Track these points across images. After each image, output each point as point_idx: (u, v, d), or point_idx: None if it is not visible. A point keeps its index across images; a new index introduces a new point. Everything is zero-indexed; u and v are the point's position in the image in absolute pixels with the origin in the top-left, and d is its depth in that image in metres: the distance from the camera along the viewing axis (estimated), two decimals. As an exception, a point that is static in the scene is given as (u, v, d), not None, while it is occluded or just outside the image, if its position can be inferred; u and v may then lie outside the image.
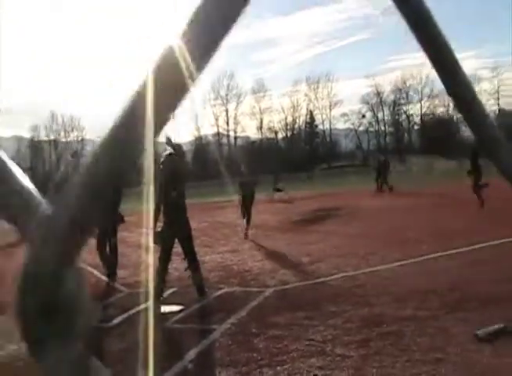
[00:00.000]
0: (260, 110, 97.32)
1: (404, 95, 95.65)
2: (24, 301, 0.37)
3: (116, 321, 7.80)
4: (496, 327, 5.64)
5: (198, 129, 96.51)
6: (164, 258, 8.58)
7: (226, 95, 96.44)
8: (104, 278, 10.79)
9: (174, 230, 8.56)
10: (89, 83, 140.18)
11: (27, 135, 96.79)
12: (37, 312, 0.36)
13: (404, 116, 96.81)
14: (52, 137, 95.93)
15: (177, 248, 9.11)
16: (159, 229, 8.55)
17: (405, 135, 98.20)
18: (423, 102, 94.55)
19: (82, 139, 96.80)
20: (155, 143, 0.37)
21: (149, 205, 8.64)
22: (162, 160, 8.61)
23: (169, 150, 8.72)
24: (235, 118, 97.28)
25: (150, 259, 9.05)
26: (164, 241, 8.52)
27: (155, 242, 8.53)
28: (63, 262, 0.36)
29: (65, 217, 0.36)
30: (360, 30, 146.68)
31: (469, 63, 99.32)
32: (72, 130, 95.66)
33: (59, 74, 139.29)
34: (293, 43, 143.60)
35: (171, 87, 0.38)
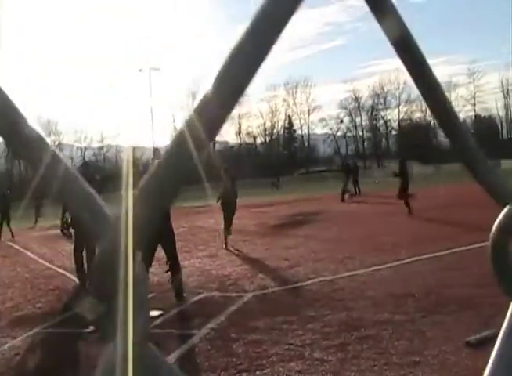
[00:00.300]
0: (238, 115, 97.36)
1: (382, 101, 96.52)
2: (97, 283, 0.41)
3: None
4: (487, 333, 5.65)
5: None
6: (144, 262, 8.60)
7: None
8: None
9: (158, 235, 8.60)
10: (65, 86, 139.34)
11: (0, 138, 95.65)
12: (110, 292, 0.41)
13: (382, 121, 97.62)
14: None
15: (156, 253, 9.11)
16: None
17: (383, 140, 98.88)
18: (400, 107, 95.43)
19: (59, 144, 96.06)
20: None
21: (128, 211, 8.60)
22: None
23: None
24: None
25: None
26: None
27: None
28: (128, 255, 0.40)
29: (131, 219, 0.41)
30: (338, 35, 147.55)
31: (443, 68, 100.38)
32: (49, 134, 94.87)
33: (35, 76, 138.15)
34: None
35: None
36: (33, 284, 11.62)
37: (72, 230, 10.77)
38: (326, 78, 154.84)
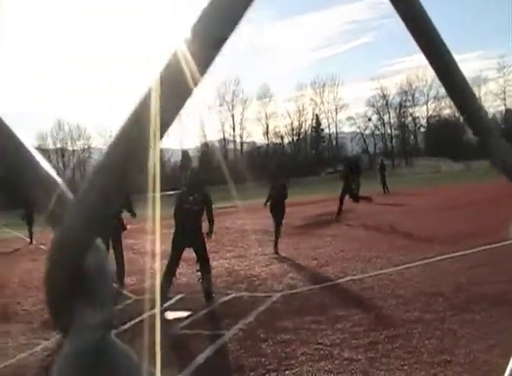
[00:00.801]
0: (266, 115, 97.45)
1: (410, 98, 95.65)
2: (53, 272, 0.40)
3: (124, 327, 7.82)
4: None
5: (204, 135, 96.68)
6: (172, 264, 8.70)
7: (232, 100, 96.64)
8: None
9: (187, 237, 8.71)
10: (95, 91, 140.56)
11: (33, 143, 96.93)
12: (65, 281, 0.39)
13: (410, 118, 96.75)
14: (58, 146, 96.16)
15: (186, 254, 9.15)
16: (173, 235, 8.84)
17: (411, 137, 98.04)
18: (429, 104, 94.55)
19: (89, 148, 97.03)
20: (158, 146, 0.40)
21: (155, 212, 8.69)
22: (189, 172, 9.39)
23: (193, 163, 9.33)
24: (241, 124, 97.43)
25: (157, 266, 9.08)
26: (174, 245, 8.68)
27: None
28: (87, 241, 0.39)
29: (88, 203, 0.39)
30: (364, 32, 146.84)
31: (473, 64, 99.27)
32: (79, 138, 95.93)
33: (65, 82, 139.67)
34: (297, 47, 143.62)
35: (175, 90, 0.40)
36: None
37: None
38: (353, 76, 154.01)
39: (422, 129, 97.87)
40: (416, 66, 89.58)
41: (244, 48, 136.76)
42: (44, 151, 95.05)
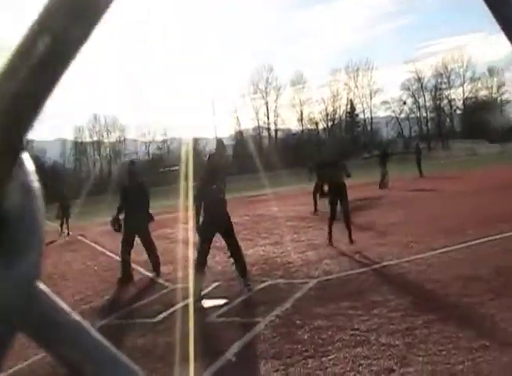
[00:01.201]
0: (300, 101, 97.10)
1: (445, 80, 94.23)
2: None
3: (161, 316, 7.88)
4: None
5: (238, 123, 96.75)
6: (203, 252, 8.73)
7: (265, 88, 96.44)
8: (148, 274, 10.95)
9: (215, 225, 8.71)
10: (127, 82, 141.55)
11: (70, 137, 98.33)
12: None
13: (446, 101, 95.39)
14: (95, 138, 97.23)
15: (219, 242, 9.18)
16: (200, 224, 8.72)
17: (447, 120, 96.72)
18: (465, 85, 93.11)
19: (124, 139, 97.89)
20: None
21: (188, 202, 8.75)
22: (207, 159, 9.16)
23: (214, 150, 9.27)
24: (275, 111, 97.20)
25: (192, 255, 9.13)
26: (203, 235, 8.68)
27: (198, 233, 8.83)
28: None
29: None
30: (397, 16, 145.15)
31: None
32: (114, 130, 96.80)
33: (99, 74, 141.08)
34: (330, 32, 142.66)
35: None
36: (101, 277, 11.89)
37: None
38: (387, 60, 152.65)
39: (458, 111, 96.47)
40: (452, 47, 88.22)
41: (277, 35, 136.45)
42: (81, 144, 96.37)
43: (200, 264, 8.73)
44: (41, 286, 0.41)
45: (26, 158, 0.42)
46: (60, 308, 0.42)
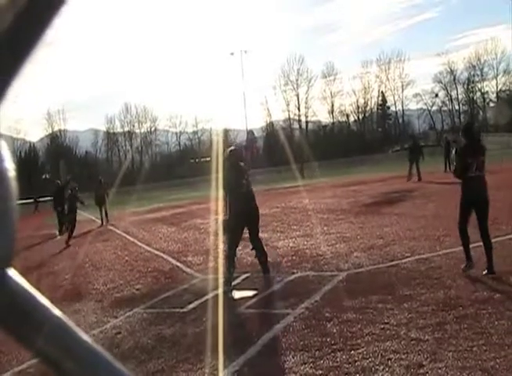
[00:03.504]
0: (331, 93, 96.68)
1: (478, 72, 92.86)
2: None
3: (191, 306, 7.93)
4: None
5: (269, 115, 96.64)
6: (232, 244, 8.78)
7: (297, 80, 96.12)
8: (179, 265, 11.03)
9: (244, 216, 8.76)
10: (159, 73, 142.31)
11: (102, 127, 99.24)
12: None
13: (479, 93, 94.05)
14: (126, 129, 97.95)
15: (246, 234, 9.20)
16: (227, 218, 8.84)
17: (480, 113, 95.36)
18: (498, 78, 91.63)
19: (155, 130, 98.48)
20: None
21: (218, 193, 8.79)
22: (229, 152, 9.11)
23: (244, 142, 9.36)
24: (306, 103, 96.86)
25: (222, 246, 9.17)
26: (232, 227, 8.77)
27: (224, 229, 8.89)
28: None
29: None
30: (429, 7, 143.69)
31: None
32: (145, 121, 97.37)
33: (130, 65, 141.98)
34: (361, 24, 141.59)
35: None
36: (132, 266, 12.00)
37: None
38: (419, 52, 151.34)
39: (491, 104, 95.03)
40: (485, 39, 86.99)
41: (308, 26, 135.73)
42: (113, 134, 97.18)
43: (231, 255, 8.77)
44: (12, 273, 0.41)
45: (2, 145, 0.43)
46: (31, 295, 0.41)
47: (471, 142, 8.16)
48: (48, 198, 33.39)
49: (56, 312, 0.43)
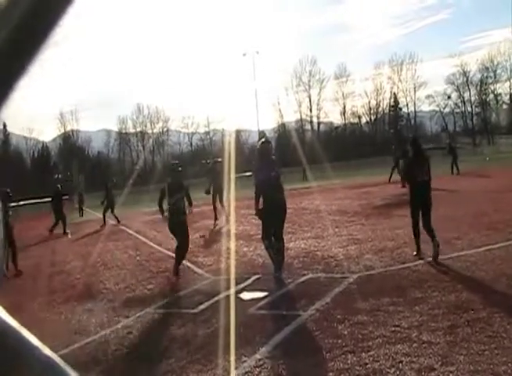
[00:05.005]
0: (343, 94, 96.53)
1: (491, 74, 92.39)
2: None
3: (202, 307, 7.94)
4: None
5: (281, 116, 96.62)
6: (266, 234, 9.25)
7: (309, 81, 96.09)
8: (190, 265, 11.04)
9: (274, 208, 9.24)
10: (171, 74, 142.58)
11: (114, 127, 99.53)
12: None
13: (491, 95, 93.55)
14: (138, 129, 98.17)
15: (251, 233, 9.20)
16: (261, 207, 9.24)
17: (493, 115, 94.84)
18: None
19: (167, 130, 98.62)
20: None
21: (230, 193, 8.79)
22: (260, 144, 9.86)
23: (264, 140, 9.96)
24: (318, 104, 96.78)
25: (233, 247, 9.17)
26: (265, 217, 9.25)
27: (258, 216, 9.42)
28: None
29: None
30: (441, 9, 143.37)
31: None
32: (157, 121, 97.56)
33: (143, 66, 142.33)
34: (373, 25, 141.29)
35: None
36: (143, 266, 12.03)
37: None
38: (431, 54, 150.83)
39: (504, 106, 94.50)
40: (499, 40, 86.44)
41: (320, 28, 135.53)
42: (125, 134, 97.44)
43: (266, 244, 9.30)
44: (1, 313, 0.40)
45: None
46: (24, 342, 0.41)
47: (417, 153, 9.94)
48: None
49: (47, 351, 0.42)
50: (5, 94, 0.40)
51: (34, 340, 0.42)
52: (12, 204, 17.51)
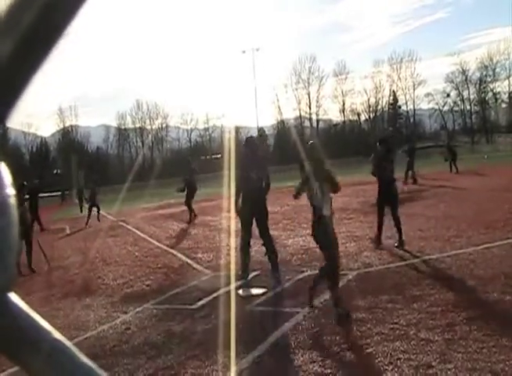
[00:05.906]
0: (342, 92, 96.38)
1: (491, 72, 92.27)
2: None
3: (200, 303, 7.95)
4: None
5: (280, 113, 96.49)
6: (245, 235, 8.87)
7: (308, 78, 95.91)
8: (189, 261, 11.05)
9: (253, 209, 9.03)
10: (170, 70, 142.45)
11: (114, 123, 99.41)
12: None
13: (491, 94, 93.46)
14: (137, 125, 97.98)
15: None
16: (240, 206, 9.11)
17: (492, 113, 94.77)
18: (511, 78, 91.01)
19: (166, 126, 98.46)
20: None
21: (230, 190, 8.80)
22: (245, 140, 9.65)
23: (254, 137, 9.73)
24: (317, 101, 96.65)
25: (232, 243, 9.18)
26: (242, 217, 9.08)
27: (237, 214, 9.20)
28: None
29: None
30: (440, 7, 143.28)
31: None
32: (157, 117, 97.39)
33: (142, 62, 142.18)
34: (373, 24, 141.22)
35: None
36: (142, 262, 12.03)
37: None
38: (430, 52, 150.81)
39: (503, 105, 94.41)
40: (498, 39, 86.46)
41: (320, 25, 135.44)
42: (124, 130, 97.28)
43: (244, 247, 8.90)
44: (14, 298, 0.41)
45: (2, 168, 0.43)
46: (31, 319, 0.42)
47: (387, 150, 11.08)
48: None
49: (57, 335, 0.43)
50: (15, 98, 0.40)
51: (44, 324, 0.43)
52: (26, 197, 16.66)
